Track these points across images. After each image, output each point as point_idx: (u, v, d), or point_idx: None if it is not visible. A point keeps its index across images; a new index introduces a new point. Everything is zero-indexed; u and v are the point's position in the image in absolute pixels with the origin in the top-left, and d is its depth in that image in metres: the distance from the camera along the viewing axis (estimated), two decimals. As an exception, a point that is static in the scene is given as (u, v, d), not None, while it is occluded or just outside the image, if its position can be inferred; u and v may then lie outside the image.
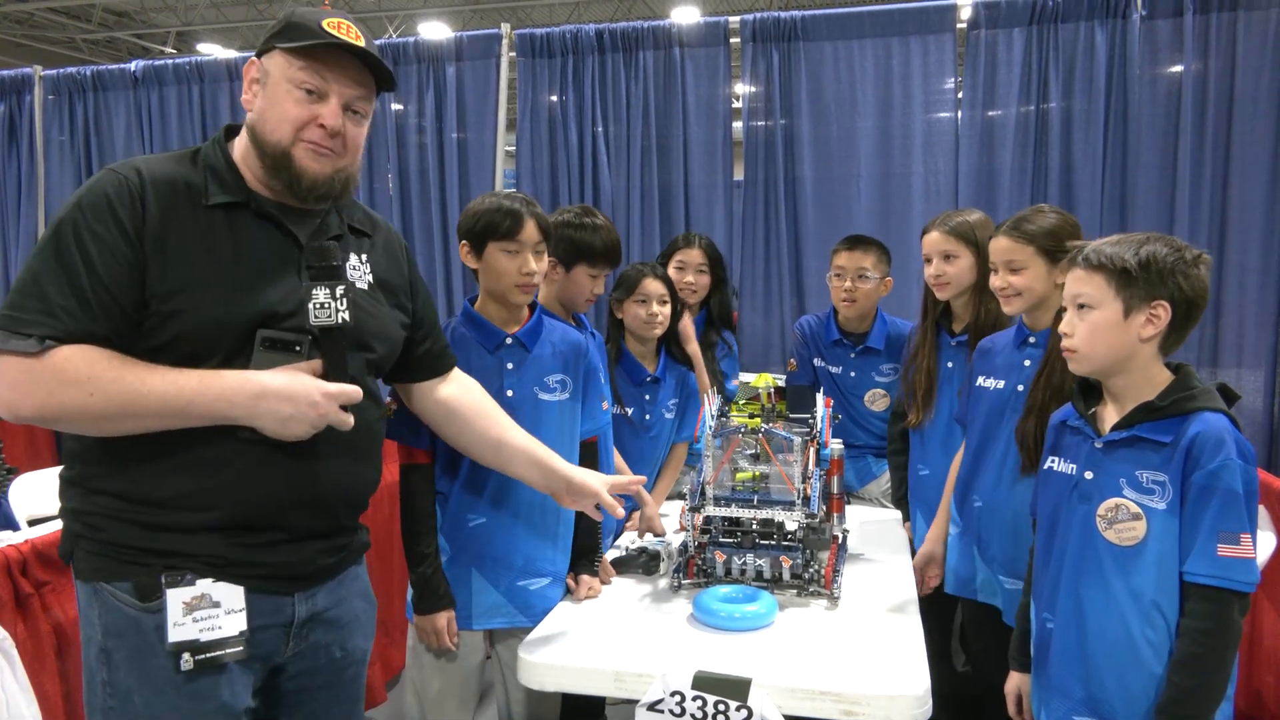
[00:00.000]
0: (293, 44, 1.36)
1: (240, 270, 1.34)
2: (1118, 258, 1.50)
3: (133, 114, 4.27)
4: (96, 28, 12.58)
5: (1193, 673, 1.43)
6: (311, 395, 1.32)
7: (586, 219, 2.25)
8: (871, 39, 3.46)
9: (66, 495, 1.39)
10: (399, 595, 3.04)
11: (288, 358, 1.34)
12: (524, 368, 1.97)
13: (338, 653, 1.51)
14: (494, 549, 1.95)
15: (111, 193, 1.29)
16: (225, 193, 1.37)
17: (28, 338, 1.23)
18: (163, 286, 1.29)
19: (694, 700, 1.54)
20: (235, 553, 1.35)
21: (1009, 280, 2.06)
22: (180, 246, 1.31)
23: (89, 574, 1.35)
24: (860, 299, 2.71)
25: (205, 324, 1.30)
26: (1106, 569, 1.52)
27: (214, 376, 1.29)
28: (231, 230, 1.36)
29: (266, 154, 1.38)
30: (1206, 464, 1.43)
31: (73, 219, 1.28)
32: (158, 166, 1.35)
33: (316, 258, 1.37)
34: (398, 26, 12.28)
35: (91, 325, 1.26)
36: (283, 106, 1.37)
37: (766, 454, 1.97)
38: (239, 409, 1.29)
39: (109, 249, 1.27)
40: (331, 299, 1.34)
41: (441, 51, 3.86)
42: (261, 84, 1.39)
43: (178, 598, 1.31)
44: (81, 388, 1.24)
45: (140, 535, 1.32)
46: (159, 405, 1.26)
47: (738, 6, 11.57)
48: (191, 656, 1.31)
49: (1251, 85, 3.13)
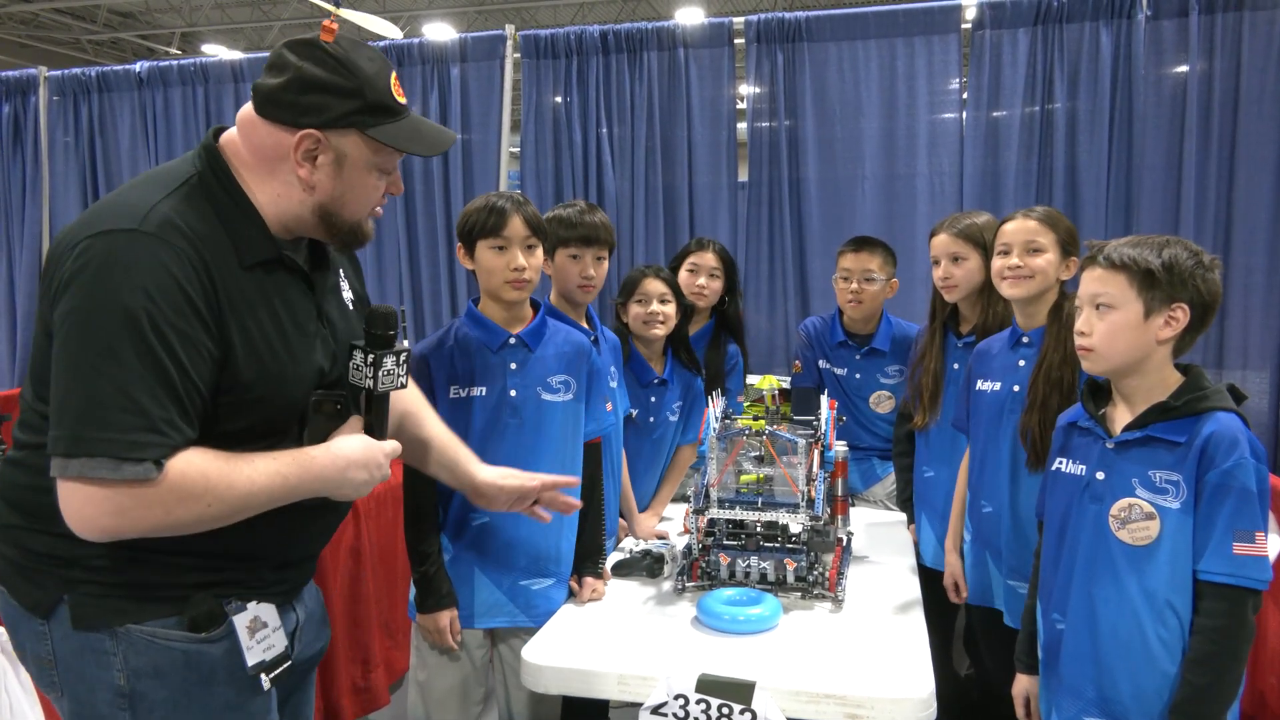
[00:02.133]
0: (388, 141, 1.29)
1: (297, 342, 1.31)
2: (1141, 259, 1.50)
3: (137, 115, 4.28)
4: (101, 29, 12.60)
5: (1207, 671, 1.44)
6: (379, 459, 1.33)
7: (563, 209, 2.26)
8: (876, 40, 3.45)
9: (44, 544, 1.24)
10: (403, 597, 3.04)
11: (338, 420, 1.35)
12: (527, 368, 1.96)
13: (319, 645, 1.55)
14: (497, 548, 1.94)
15: (179, 274, 1.16)
16: (259, 250, 1.28)
17: (140, 462, 1.11)
18: (247, 375, 1.23)
19: (698, 703, 1.54)
20: (269, 576, 1.37)
21: (1027, 261, 2.04)
22: (252, 326, 1.24)
23: (99, 620, 1.23)
24: (866, 301, 2.70)
25: (284, 407, 1.29)
26: (1119, 569, 1.52)
27: (308, 459, 1.27)
28: (277, 294, 1.30)
29: (338, 230, 1.33)
30: (1221, 463, 1.44)
31: (146, 310, 1.12)
32: (191, 221, 1.21)
33: (383, 326, 1.35)
34: (402, 27, 12.30)
35: (190, 432, 1.17)
36: (369, 194, 1.33)
37: (771, 456, 1.96)
38: (330, 484, 1.29)
39: (194, 345, 1.16)
40: (397, 365, 1.35)
41: (446, 53, 3.86)
42: (338, 166, 1.28)
43: (242, 622, 1.30)
44: (199, 500, 1.16)
45: (172, 574, 1.26)
46: (266, 499, 1.23)
47: (742, 7, 11.56)
48: (266, 675, 1.32)
49: (1257, 85, 3.12)
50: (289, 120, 1.25)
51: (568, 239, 2.21)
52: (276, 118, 1.26)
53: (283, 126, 1.26)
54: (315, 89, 1.24)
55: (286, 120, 1.26)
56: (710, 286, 2.79)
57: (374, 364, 1.33)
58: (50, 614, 1.25)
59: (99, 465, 1.10)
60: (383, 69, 1.29)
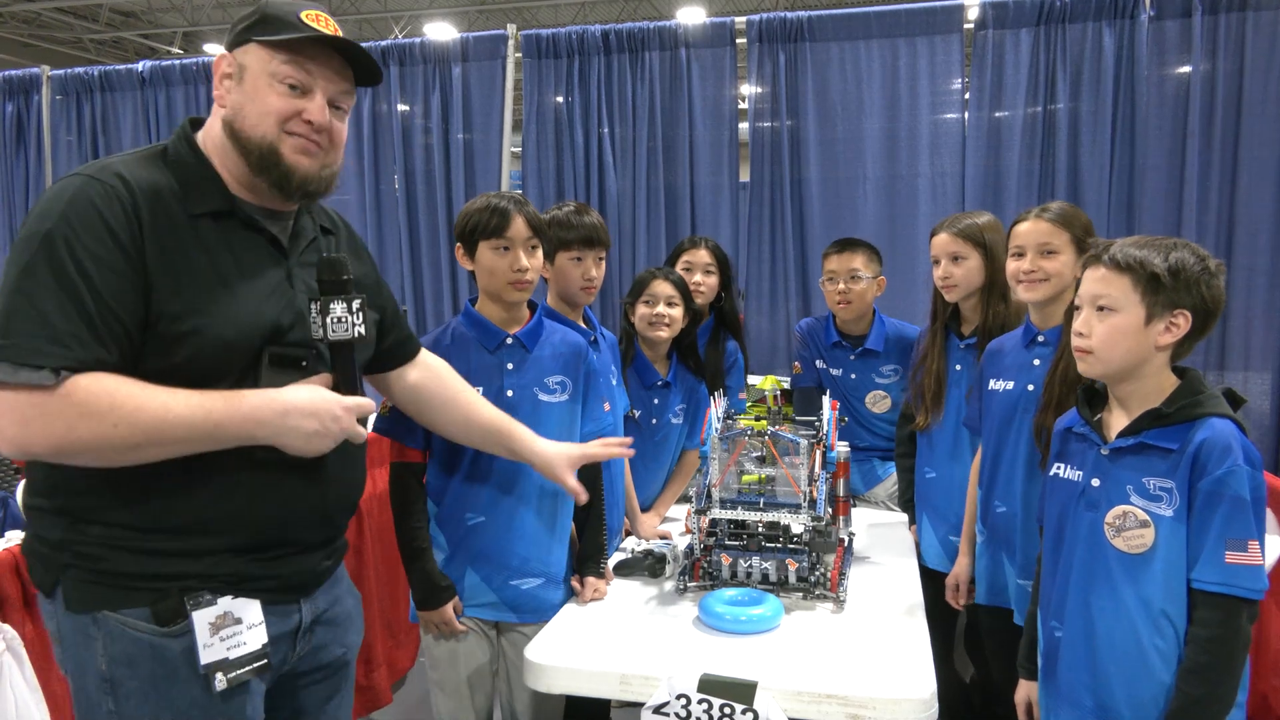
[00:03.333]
0: (273, 37, 1.30)
1: (242, 286, 1.30)
2: (1148, 262, 1.46)
3: (140, 114, 4.29)
4: (103, 28, 12.61)
5: (1202, 681, 1.42)
6: (334, 410, 1.30)
7: (558, 210, 2.26)
8: (878, 40, 3.45)
9: (43, 525, 1.29)
10: (405, 599, 3.05)
11: (296, 374, 1.33)
12: (524, 368, 1.97)
13: (338, 650, 1.52)
14: (490, 548, 1.95)
15: (101, 204, 1.20)
16: (209, 200, 1.31)
17: (38, 369, 1.13)
18: (172, 307, 1.23)
19: (699, 703, 1.54)
20: (251, 569, 1.33)
21: (1040, 264, 2.01)
22: (183, 262, 1.25)
23: (84, 604, 1.27)
24: (855, 300, 2.71)
25: (217, 346, 1.26)
26: (1115, 577, 1.50)
27: (238, 397, 1.24)
28: (224, 242, 1.31)
29: (251, 151, 1.31)
30: (1213, 470, 1.41)
31: (63, 234, 1.17)
32: (138, 171, 1.26)
33: (329, 271, 1.34)
34: (403, 27, 12.30)
35: (101, 352, 1.18)
36: (264, 100, 1.31)
37: (773, 457, 1.96)
38: (266, 428, 1.25)
39: (109, 268, 1.19)
40: (348, 313, 1.32)
41: (447, 52, 3.86)
42: (237, 79, 1.32)
43: (203, 619, 1.27)
44: (104, 419, 1.16)
45: (149, 562, 1.27)
46: (186, 431, 1.20)
47: (744, 7, 11.56)
48: (224, 676, 1.29)
49: (1260, 86, 3.12)
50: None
51: (569, 241, 2.21)
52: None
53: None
54: (233, 27, 1.36)
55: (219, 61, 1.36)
56: (706, 283, 2.80)
57: (322, 310, 1.32)
58: (52, 594, 1.30)
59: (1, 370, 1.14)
60: (295, 3, 1.35)
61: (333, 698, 1.54)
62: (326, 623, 1.48)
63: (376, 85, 1.44)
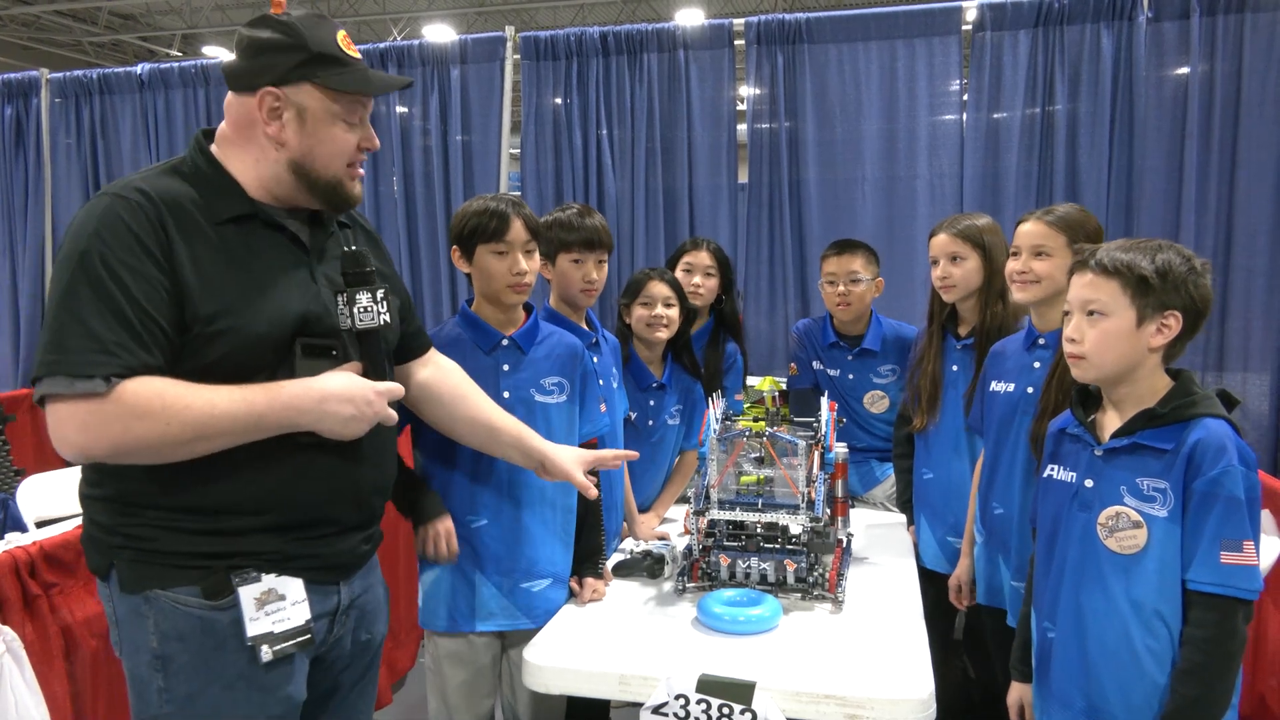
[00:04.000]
0: (336, 86, 1.38)
1: (268, 283, 1.37)
2: (1135, 265, 1.47)
3: (139, 117, 4.29)
4: (102, 31, 12.62)
5: (1197, 682, 1.42)
6: (367, 395, 1.37)
7: (561, 212, 2.26)
8: (876, 41, 3.46)
9: (96, 509, 1.38)
10: (405, 599, 3.06)
11: (328, 363, 1.39)
12: (520, 370, 1.97)
13: (364, 636, 1.57)
14: (496, 551, 1.95)
15: (128, 218, 1.28)
16: (230, 206, 1.38)
17: (91, 379, 1.22)
18: (205, 309, 1.30)
19: (698, 704, 1.54)
20: (292, 548, 1.39)
21: (1031, 265, 2.02)
22: (210, 266, 1.32)
23: (137, 584, 1.34)
24: (854, 302, 2.72)
25: (250, 341, 1.33)
26: (1107, 577, 1.50)
27: (278, 388, 1.32)
28: (247, 244, 1.37)
29: (319, 187, 1.41)
30: (1208, 471, 1.41)
31: (98, 250, 1.26)
32: (159, 184, 1.34)
33: (352, 264, 1.41)
34: (402, 29, 12.30)
35: (147, 357, 1.26)
36: (336, 144, 1.40)
37: (771, 457, 1.97)
38: (306, 415, 1.33)
39: (144, 277, 1.26)
40: (374, 302, 1.40)
41: (446, 54, 3.87)
42: (298, 120, 1.38)
43: (249, 594, 1.35)
44: (157, 419, 1.24)
45: (196, 541, 1.34)
46: (231, 424, 1.28)
47: (742, 9, 11.57)
48: (269, 648, 1.35)
49: (1258, 87, 3.12)
50: (248, 85, 1.38)
51: (570, 243, 2.21)
52: (240, 87, 1.40)
53: (246, 93, 1.39)
54: (264, 51, 1.38)
55: (247, 86, 1.39)
56: (706, 285, 2.80)
57: (349, 301, 1.40)
58: (107, 577, 1.38)
59: (57, 383, 1.23)
60: (327, 26, 1.41)
61: (360, 680, 1.60)
62: (359, 608, 1.54)
63: None
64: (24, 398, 4.20)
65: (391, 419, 1.42)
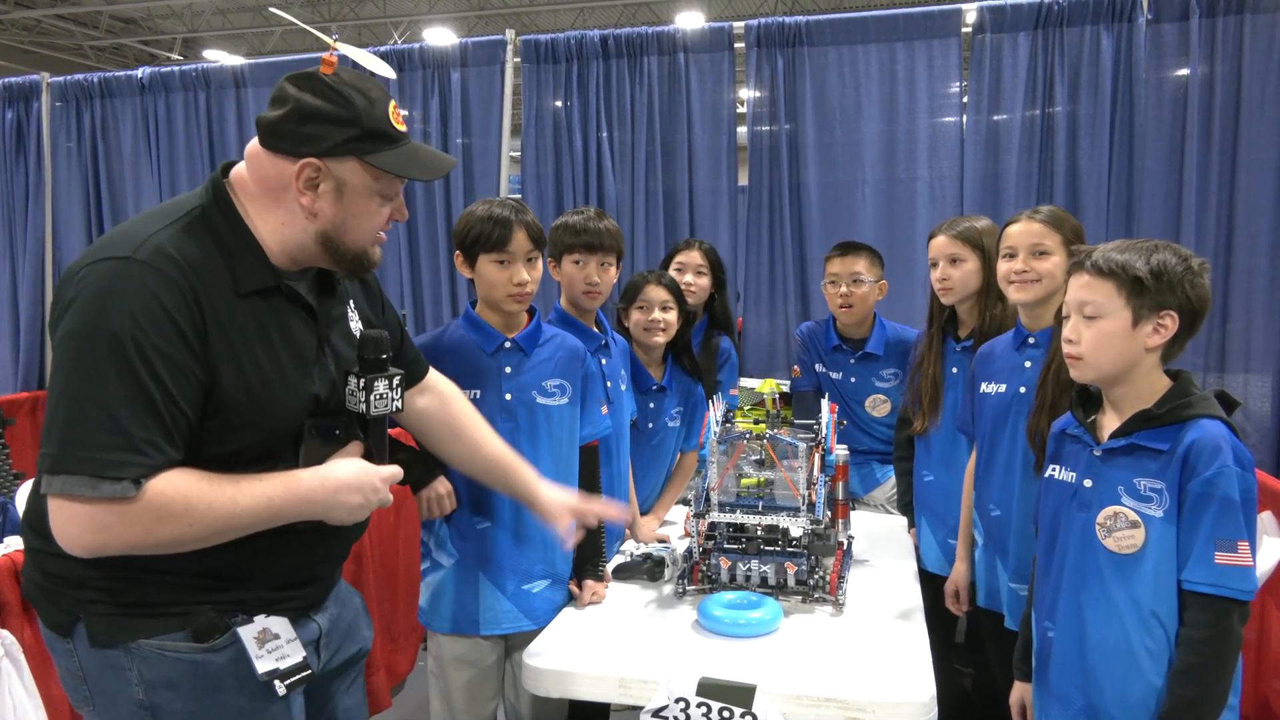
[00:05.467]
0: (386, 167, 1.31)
1: (290, 365, 1.33)
2: (1130, 266, 1.47)
3: (139, 121, 4.29)
4: (104, 35, 12.64)
5: (1193, 682, 1.42)
6: (374, 482, 1.35)
7: (573, 215, 2.27)
8: (876, 44, 3.46)
9: (54, 565, 1.27)
10: (405, 602, 3.06)
11: (334, 444, 1.37)
12: (522, 372, 1.97)
13: (353, 649, 1.56)
14: (500, 554, 1.95)
15: (166, 299, 1.18)
16: (256, 278, 1.30)
17: (118, 481, 1.13)
18: (232, 398, 1.25)
19: (698, 707, 1.54)
20: (276, 595, 1.37)
21: (1032, 265, 2.02)
22: (242, 348, 1.26)
23: (111, 637, 1.27)
24: (857, 304, 2.71)
25: (275, 430, 1.31)
26: (1106, 577, 1.51)
27: (294, 481, 1.28)
28: (272, 319, 1.32)
29: (345, 257, 1.36)
30: (1203, 471, 1.42)
31: (130, 334, 1.15)
32: (187, 250, 1.24)
33: (371, 350, 1.37)
34: (403, 32, 12.33)
35: (174, 453, 1.19)
36: (371, 220, 1.35)
37: (771, 460, 1.96)
38: (319, 506, 1.30)
39: (178, 367, 1.19)
40: (389, 389, 1.37)
41: (446, 58, 3.87)
42: (338, 194, 1.31)
43: (249, 634, 1.31)
44: (179, 521, 1.18)
45: (176, 593, 1.28)
46: (251, 521, 1.24)
47: (742, 11, 11.58)
48: (281, 683, 1.32)
49: (1258, 89, 3.12)
50: (290, 150, 1.28)
51: (573, 245, 2.22)
52: (278, 148, 1.29)
53: (284, 156, 1.29)
54: (314, 119, 1.27)
55: (287, 150, 1.29)
56: (698, 284, 2.82)
57: (365, 388, 1.35)
58: (71, 633, 1.29)
59: (79, 483, 1.13)
60: (381, 98, 1.32)
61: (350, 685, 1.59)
62: (339, 625, 1.52)
63: None
64: (23, 401, 4.20)
65: (389, 502, 1.39)
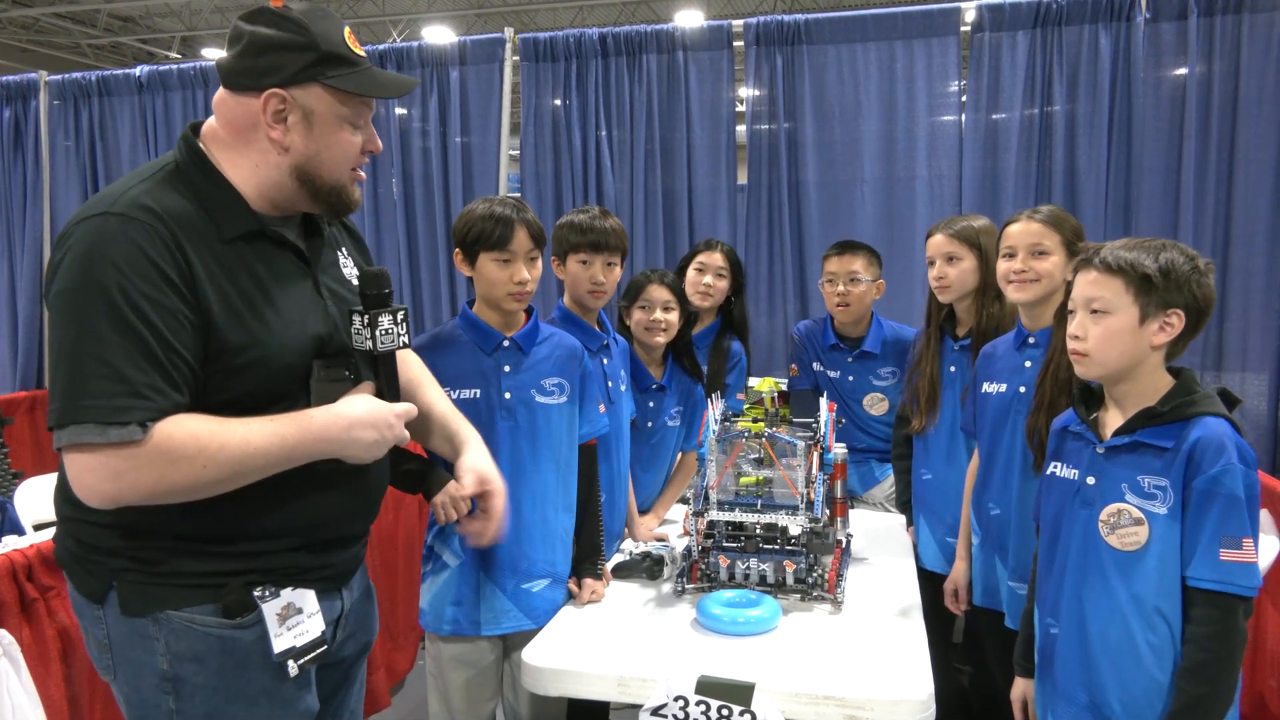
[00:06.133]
0: (345, 85, 1.30)
1: (286, 305, 1.32)
2: (1139, 263, 1.48)
3: (138, 119, 4.29)
4: (102, 33, 12.61)
5: (1201, 679, 1.43)
6: (388, 419, 1.34)
7: (577, 214, 2.27)
8: (875, 42, 3.46)
9: (89, 534, 1.30)
10: (404, 601, 3.06)
11: (345, 385, 1.36)
12: (521, 370, 1.98)
13: (364, 639, 1.56)
14: (500, 553, 1.95)
15: (148, 247, 1.19)
16: (239, 224, 1.30)
17: (124, 425, 1.14)
18: (233, 340, 1.24)
19: (697, 705, 1.54)
20: (307, 560, 1.37)
21: (1031, 264, 2.03)
22: (233, 291, 1.26)
23: (144, 607, 1.28)
24: (854, 303, 2.72)
25: (279, 371, 1.30)
26: (1109, 574, 1.51)
27: (307, 419, 1.28)
28: (261, 263, 1.31)
29: (322, 191, 1.34)
30: (1208, 469, 1.43)
31: (118, 284, 1.16)
32: (165, 200, 1.25)
33: (374, 286, 1.38)
34: (401, 31, 12.31)
35: (178, 396, 1.20)
36: (342, 147, 1.34)
37: (770, 458, 1.96)
38: (334, 444, 1.30)
39: (168, 311, 1.19)
40: (394, 324, 1.37)
41: (445, 56, 3.87)
42: (307, 124, 1.30)
43: (272, 610, 1.31)
44: (193, 463, 1.19)
45: (210, 561, 1.29)
46: (265, 460, 1.24)
47: (741, 10, 11.58)
48: (295, 663, 1.33)
49: (1256, 88, 3.12)
50: (252, 84, 1.29)
51: (578, 245, 2.22)
52: (241, 86, 1.30)
53: (248, 93, 1.30)
54: (271, 49, 1.28)
55: (250, 85, 1.29)
56: (717, 286, 2.81)
57: (370, 324, 1.36)
58: (103, 601, 1.30)
59: (86, 431, 1.15)
60: (335, 23, 1.32)
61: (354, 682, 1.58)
62: (357, 612, 1.52)
63: None
64: (22, 400, 4.20)
65: (406, 439, 1.39)
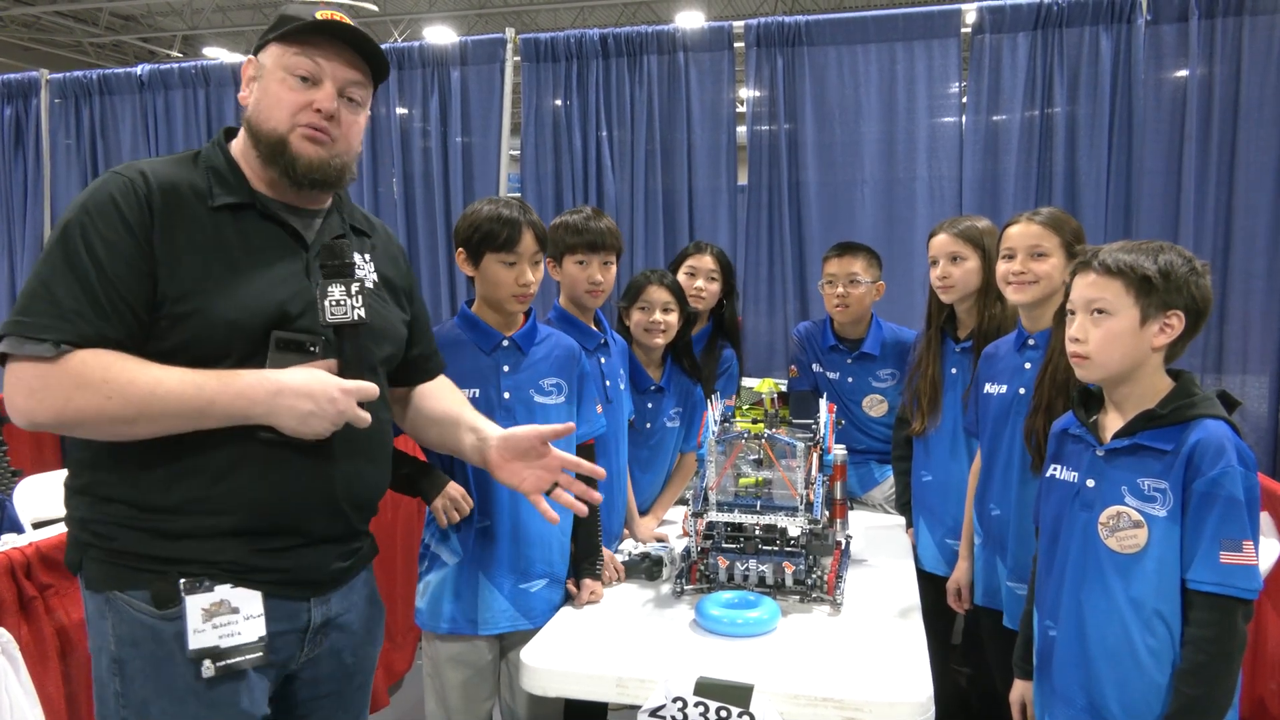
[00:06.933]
0: (284, 30, 1.37)
1: (251, 271, 1.34)
2: (1138, 265, 1.49)
3: (139, 118, 4.28)
4: (103, 32, 12.61)
5: (1199, 681, 1.43)
6: (330, 391, 1.31)
7: (571, 215, 2.27)
8: (876, 44, 3.45)
9: (73, 504, 1.36)
10: (403, 600, 3.06)
11: (302, 358, 1.34)
12: (519, 371, 1.98)
13: (349, 659, 1.50)
14: (499, 553, 1.95)
15: (118, 195, 1.29)
16: (229, 194, 1.37)
17: (42, 342, 1.22)
18: (174, 289, 1.28)
19: (696, 706, 1.54)
20: (253, 558, 1.33)
21: (1030, 266, 2.03)
22: (190, 248, 1.31)
23: (100, 583, 1.32)
24: (853, 304, 2.72)
25: (218, 326, 1.30)
26: (1108, 577, 1.51)
27: (232, 375, 1.28)
28: (239, 231, 1.36)
29: (262, 143, 1.37)
30: (1208, 471, 1.43)
31: (80, 221, 1.27)
32: (162, 169, 1.35)
33: (329, 255, 1.36)
34: (403, 31, 12.32)
35: (104, 328, 1.25)
36: (277, 94, 1.37)
37: (769, 459, 1.96)
38: (259, 406, 1.28)
39: (117, 251, 1.26)
40: (347, 296, 1.34)
41: (446, 56, 3.86)
42: (258, 79, 1.39)
43: (196, 604, 1.29)
44: (98, 391, 1.22)
45: (153, 543, 1.30)
46: (178, 405, 1.25)
47: (742, 11, 11.58)
48: (212, 663, 1.30)
49: (1257, 90, 3.12)
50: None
51: (575, 245, 2.22)
52: None
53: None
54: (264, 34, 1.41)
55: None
56: (708, 289, 2.80)
57: (321, 294, 1.33)
58: (79, 572, 1.37)
59: (10, 344, 1.24)
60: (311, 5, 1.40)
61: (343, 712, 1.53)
62: (340, 628, 1.47)
63: (385, 78, 1.47)
64: (22, 398, 4.19)
65: (362, 420, 1.34)
